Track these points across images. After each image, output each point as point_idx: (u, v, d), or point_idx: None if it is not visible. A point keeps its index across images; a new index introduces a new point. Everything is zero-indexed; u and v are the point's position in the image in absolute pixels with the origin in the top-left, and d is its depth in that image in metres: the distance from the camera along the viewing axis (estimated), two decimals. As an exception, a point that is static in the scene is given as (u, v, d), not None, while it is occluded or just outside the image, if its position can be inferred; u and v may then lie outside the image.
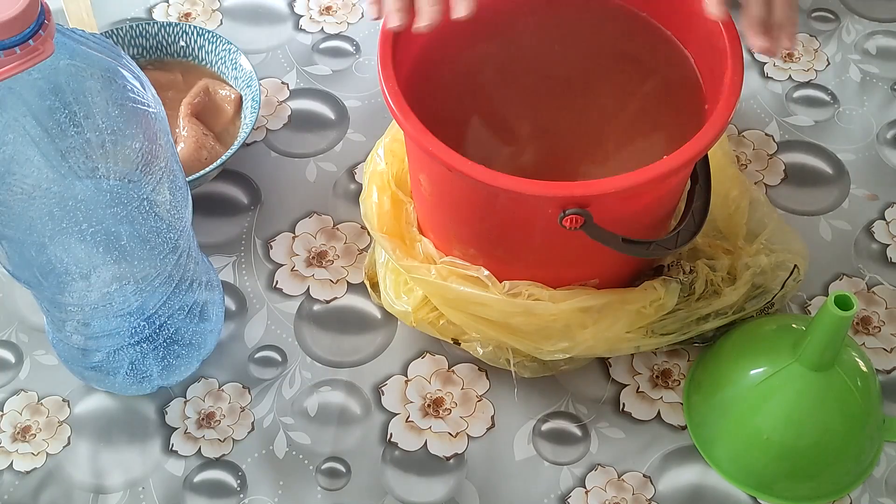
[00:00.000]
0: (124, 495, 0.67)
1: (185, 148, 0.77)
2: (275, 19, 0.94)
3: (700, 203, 0.65)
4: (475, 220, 0.65)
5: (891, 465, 0.68)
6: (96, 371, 0.68)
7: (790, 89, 0.88)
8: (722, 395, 0.67)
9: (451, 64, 0.69)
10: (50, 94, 0.49)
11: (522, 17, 0.70)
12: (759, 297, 0.71)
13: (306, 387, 0.71)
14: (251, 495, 0.67)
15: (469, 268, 0.66)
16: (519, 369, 0.70)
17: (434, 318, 0.70)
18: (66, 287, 0.59)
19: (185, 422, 0.70)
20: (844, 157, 0.83)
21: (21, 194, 0.51)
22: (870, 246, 0.78)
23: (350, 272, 0.77)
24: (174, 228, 0.60)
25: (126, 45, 0.83)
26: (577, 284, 0.66)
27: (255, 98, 0.80)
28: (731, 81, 0.61)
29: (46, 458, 0.68)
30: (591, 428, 0.70)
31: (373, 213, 0.71)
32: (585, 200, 0.57)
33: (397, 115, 0.60)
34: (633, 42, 0.69)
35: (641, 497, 0.67)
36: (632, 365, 0.72)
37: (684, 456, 0.69)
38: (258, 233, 0.79)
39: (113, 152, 0.52)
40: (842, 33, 0.92)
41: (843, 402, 0.64)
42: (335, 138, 0.85)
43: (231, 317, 0.75)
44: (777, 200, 0.81)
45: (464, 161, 0.58)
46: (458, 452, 0.69)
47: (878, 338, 0.74)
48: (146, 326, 0.65)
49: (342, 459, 0.68)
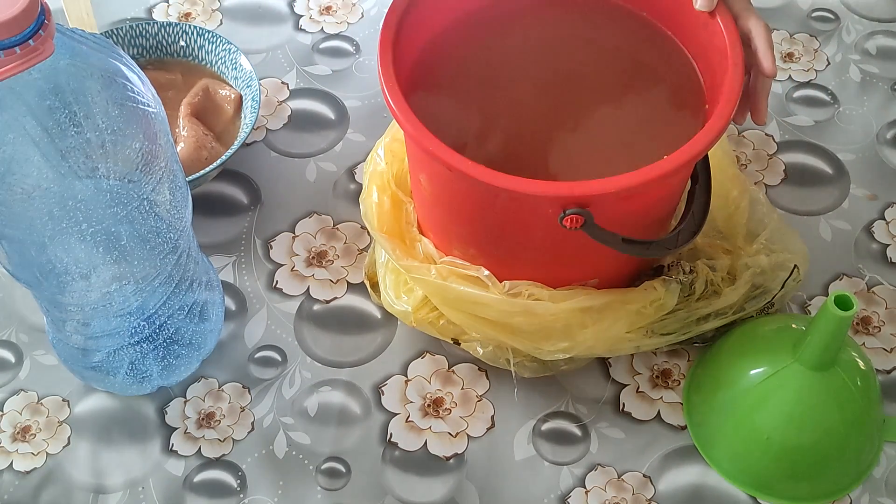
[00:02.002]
0: (124, 495, 0.67)
1: (185, 148, 0.77)
2: (275, 19, 0.94)
3: (700, 203, 0.65)
4: (475, 220, 0.65)
5: (890, 465, 0.68)
6: (96, 371, 0.68)
7: (790, 89, 0.88)
8: (722, 395, 0.67)
9: (451, 64, 0.69)
10: (50, 94, 0.49)
11: (522, 18, 0.70)
12: (759, 297, 0.71)
13: (306, 387, 0.71)
14: (251, 495, 0.67)
15: (469, 268, 0.66)
16: (519, 369, 0.70)
17: (434, 318, 0.70)
18: (66, 287, 0.59)
19: (185, 422, 0.70)
20: (844, 157, 0.83)
21: (21, 194, 0.51)
22: (870, 246, 0.78)
23: (350, 272, 0.77)
24: (174, 228, 0.60)
25: (126, 45, 0.83)
26: (577, 284, 0.66)
27: (255, 98, 0.80)
28: (731, 81, 0.61)
29: (46, 458, 0.68)
30: (591, 428, 0.70)
31: (373, 213, 0.71)
32: (585, 200, 0.57)
33: (397, 115, 0.60)
34: (634, 42, 0.69)
35: (641, 497, 0.67)
36: (632, 365, 0.72)
37: (684, 456, 0.69)
38: (258, 233, 0.79)
39: (113, 152, 0.52)
40: (842, 33, 0.92)
41: (843, 402, 0.64)
42: (335, 138, 0.85)
43: (231, 317, 0.75)
44: (777, 200, 0.81)
45: (464, 161, 0.58)
46: (458, 452, 0.69)
47: (878, 338, 0.74)
48: (146, 326, 0.65)
49: (342, 459, 0.68)
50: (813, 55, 0.90)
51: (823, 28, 0.93)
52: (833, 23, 0.93)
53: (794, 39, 0.92)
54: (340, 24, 0.93)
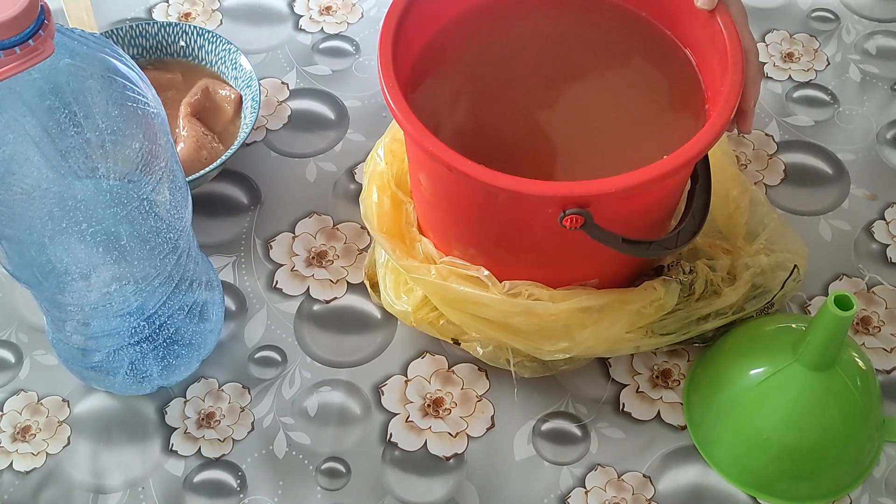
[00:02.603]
0: (124, 495, 0.67)
1: (185, 148, 0.77)
2: (275, 19, 0.94)
3: (700, 203, 0.65)
4: (475, 220, 0.65)
5: (891, 465, 0.68)
6: (96, 371, 0.68)
7: (790, 89, 0.88)
8: (722, 395, 0.67)
9: (451, 64, 0.69)
10: (50, 94, 0.49)
11: (522, 17, 0.70)
12: (759, 297, 0.71)
13: (306, 387, 0.71)
14: (251, 495, 0.67)
15: (469, 268, 0.66)
16: (519, 369, 0.70)
17: (434, 318, 0.70)
18: (66, 287, 0.59)
19: (185, 422, 0.70)
20: (844, 157, 0.83)
21: (21, 194, 0.51)
22: (870, 246, 0.78)
23: (350, 272, 0.77)
24: (174, 228, 0.60)
25: (126, 45, 0.83)
26: (577, 284, 0.66)
27: (255, 98, 0.80)
28: (731, 81, 0.61)
29: (46, 458, 0.68)
30: (591, 428, 0.70)
31: (373, 213, 0.71)
32: (585, 200, 0.57)
33: (397, 115, 0.60)
34: (634, 42, 0.69)
35: (641, 497, 0.67)
36: (632, 365, 0.72)
37: (684, 456, 0.69)
38: (258, 233, 0.79)
39: (113, 152, 0.52)
40: (842, 33, 0.92)
41: (843, 402, 0.64)
42: (335, 138, 0.85)
43: (231, 317, 0.75)
44: (777, 200, 0.81)
45: (464, 161, 0.58)
46: (458, 452, 0.69)
47: (878, 338, 0.74)
48: (146, 326, 0.65)
49: (342, 459, 0.68)
50: (813, 55, 0.90)
51: (823, 28, 0.93)
52: (833, 23, 0.93)
53: (794, 39, 0.92)
54: (340, 24, 0.93)
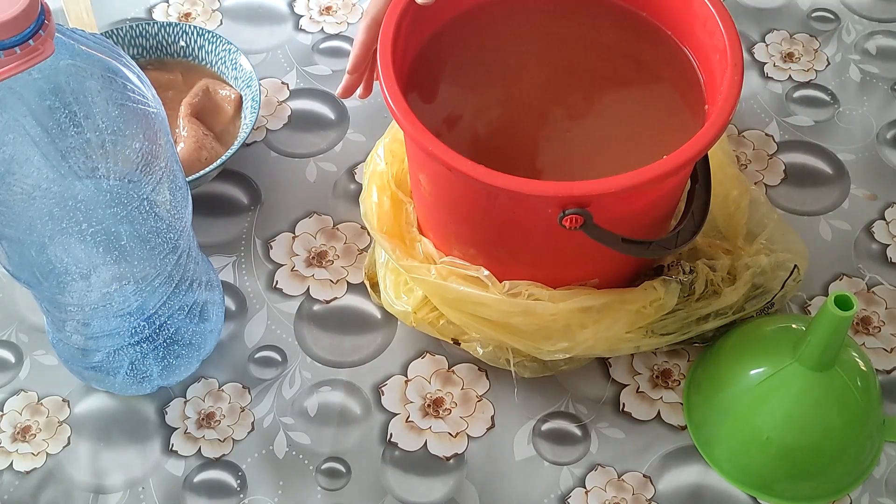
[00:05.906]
0: (124, 495, 0.67)
1: (185, 148, 0.77)
2: (275, 19, 0.94)
3: (700, 203, 0.65)
4: (475, 220, 0.65)
5: (891, 465, 0.68)
6: (96, 371, 0.68)
7: (790, 89, 0.88)
8: (722, 395, 0.67)
9: (451, 64, 0.69)
10: (50, 94, 0.49)
11: (522, 17, 0.70)
12: (759, 297, 0.71)
13: (306, 387, 0.71)
14: (251, 495, 0.67)
15: (469, 268, 0.66)
16: (519, 369, 0.70)
17: (434, 318, 0.70)
18: (66, 287, 0.59)
19: (185, 422, 0.70)
20: (844, 157, 0.83)
21: (21, 194, 0.51)
22: (870, 246, 0.78)
23: (350, 272, 0.77)
24: (174, 228, 0.60)
25: (126, 45, 0.83)
26: (576, 284, 0.66)
27: (255, 98, 0.80)
28: (731, 81, 0.61)
29: (46, 458, 0.68)
30: (591, 428, 0.70)
31: (373, 213, 0.71)
32: (585, 200, 0.57)
33: (397, 115, 0.60)
34: (634, 42, 0.69)
35: (641, 497, 0.67)
36: (632, 365, 0.72)
37: (684, 456, 0.69)
38: (258, 233, 0.79)
39: (113, 152, 0.52)
40: (842, 33, 0.92)
41: (843, 402, 0.64)
42: (335, 138, 0.85)
43: (231, 317, 0.75)
44: (777, 200, 0.81)
45: (464, 161, 0.58)
46: (458, 452, 0.69)
47: (878, 338, 0.74)
48: (146, 326, 0.65)
49: (342, 459, 0.68)
50: (813, 55, 0.90)
51: (823, 28, 0.93)
52: (833, 23, 0.93)
53: (794, 39, 0.92)
54: (340, 24, 0.93)
